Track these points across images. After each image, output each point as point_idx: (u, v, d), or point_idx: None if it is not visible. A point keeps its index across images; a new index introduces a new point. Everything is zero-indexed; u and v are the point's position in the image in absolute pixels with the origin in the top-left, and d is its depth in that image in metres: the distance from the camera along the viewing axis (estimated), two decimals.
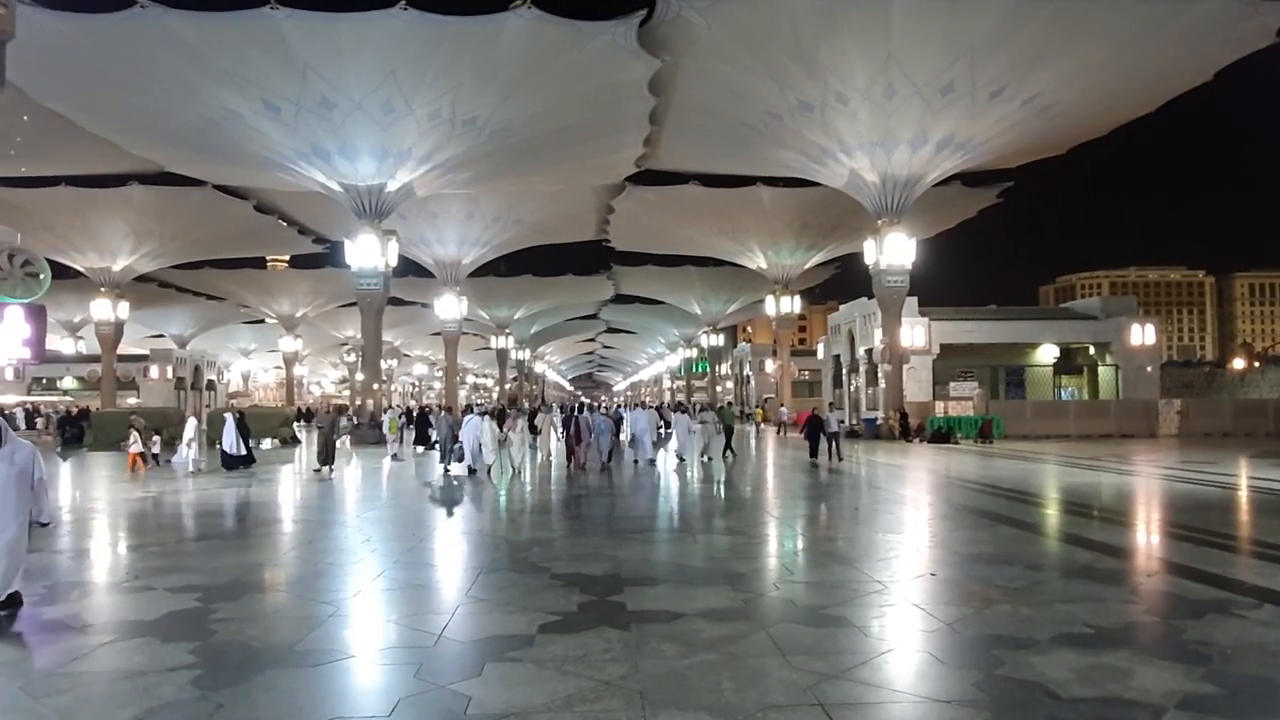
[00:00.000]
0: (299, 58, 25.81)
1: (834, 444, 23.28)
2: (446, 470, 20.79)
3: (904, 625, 7.01)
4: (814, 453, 22.93)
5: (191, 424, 21.78)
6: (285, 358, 70.39)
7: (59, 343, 60.93)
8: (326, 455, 20.77)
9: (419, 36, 25.49)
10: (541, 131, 30.57)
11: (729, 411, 25.46)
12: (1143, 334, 38.41)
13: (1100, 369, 40.59)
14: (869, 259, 34.56)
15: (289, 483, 20.04)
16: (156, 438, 23.69)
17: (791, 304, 50.49)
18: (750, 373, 71.78)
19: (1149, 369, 38.64)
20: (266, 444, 32.44)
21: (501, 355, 70.63)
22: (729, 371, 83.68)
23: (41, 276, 13.42)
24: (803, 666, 5.76)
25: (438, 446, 22.28)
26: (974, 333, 39.03)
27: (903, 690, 5.45)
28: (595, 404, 40.45)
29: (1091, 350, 40.75)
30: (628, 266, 60.22)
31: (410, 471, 22.50)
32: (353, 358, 72.11)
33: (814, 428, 23.24)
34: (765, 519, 13.68)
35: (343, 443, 32.59)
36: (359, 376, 63.67)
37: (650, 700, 5.15)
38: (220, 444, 22.10)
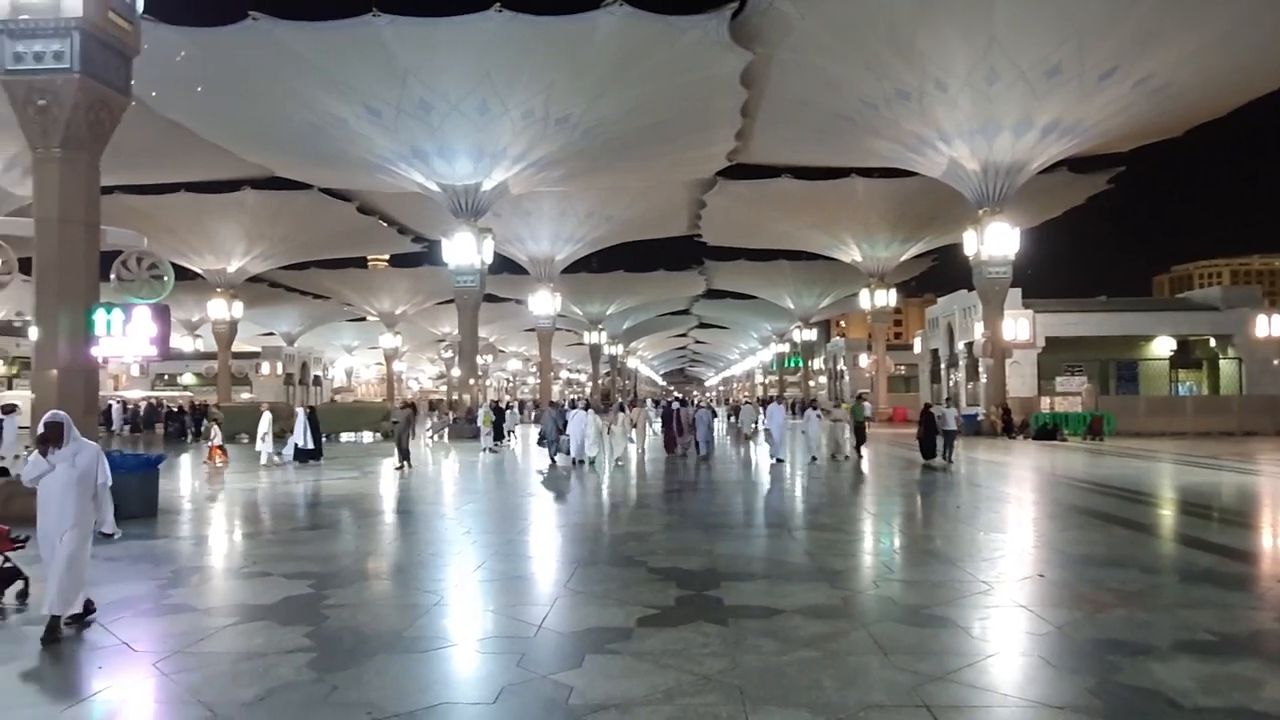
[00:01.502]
0: (399, 63, 26.57)
1: (949, 443, 20.63)
2: (553, 462, 21.33)
3: (1011, 627, 6.79)
4: (929, 452, 20.34)
5: (266, 418, 22.55)
6: (385, 354, 72.74)
7: (179, 341, 64.44)
8: (403, 453, 20.50)
9: (513, 37, 25.91)
10: (633, 128, 30.69)
11: (859, 407, 23.75)
12: (1269, 325, 36.08)
13: (1221, 363, 38.39)
14: (969, 250, 33.50)
15: (388, 475, 20.69)
16: (266, 430, 24.62)
17: (887, 297, 49.35)
18: (844, 368, 70.51)
19: (1276, 362, 36.31)
20: (368, 437, 33.63)
21: (595, 351, 71.30)
22: (822, 366, 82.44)
23: (165, 278, 14.19)
24: (905, 666, 5.64)
25: (544, 440, 22.86)
26: (1082, 325, 37.44)
27: (1011, 694, 5.28)
28: (687, 399, 40.37)
29: (1212, 343, 38.57)
30: (719, 261, 59.93)
31: (506, 464, 22.96)
32: (450, 353, 73.98)
33: (928, 425, 20.66)
34: (863, 516, 13.44)
35: (440, 436, 33.59)
36: (455, 372, 65.34)
37: (750, 696, 5.13)
38: (292, 438, 22.79)
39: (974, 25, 25.46)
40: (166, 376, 65.25)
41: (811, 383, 78.97)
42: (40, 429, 6.63)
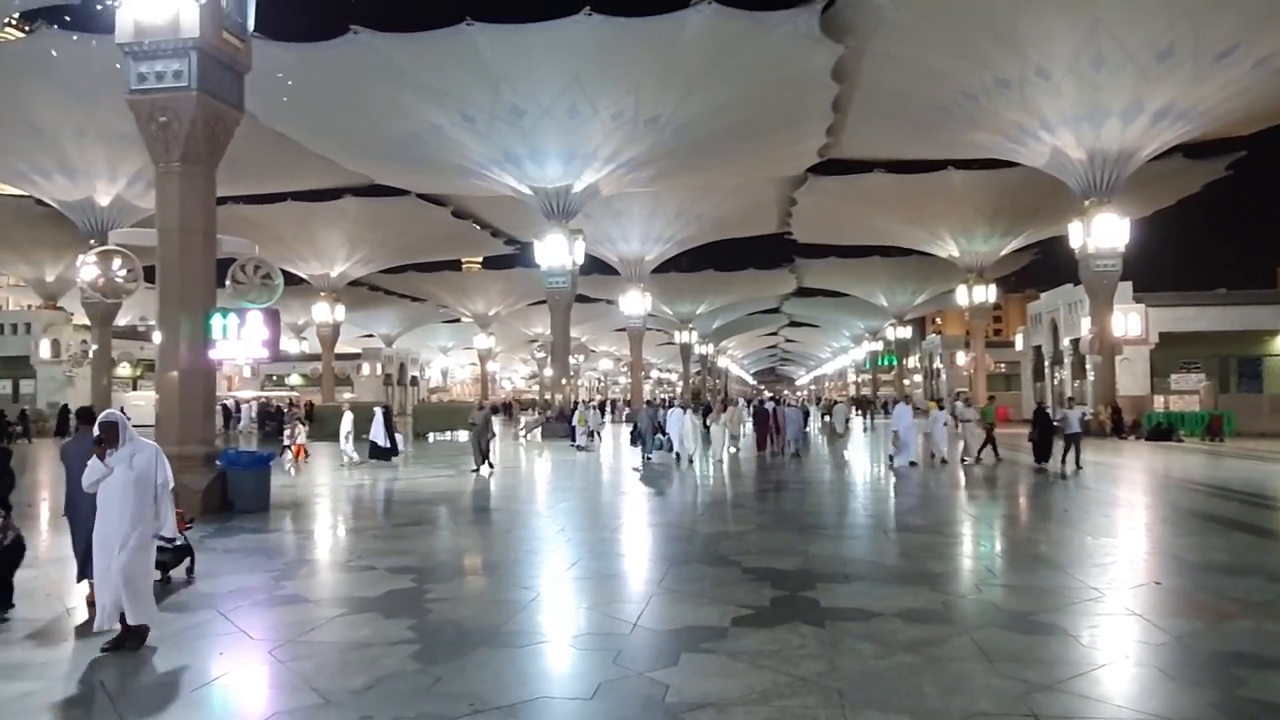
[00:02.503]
0: (492, 70, 27.15)
1: (1073, 447, 18.49)
2: (647, 460, 21.65)
3: (1125, 636, 6.50)
4: (1043, 456, 18.78)
5: (348, 418, 23.14)
6: (480, 354, 74.38)
7: (286, 343, 67.31)
8: (482, 455, 19.78)
9: (602, 40, 26.15)
10: (722, 126, 30.56)
11: (990, 409, 22.44)
12: None
13: None
14: (1075, 242, 32.17)
15: (483, 473, 21.13)
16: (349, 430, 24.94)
17: (986, 293, 47.80)
18: (941, 365, 68.64)
19: None
20: (463, 436, 34.42)
21: (685, 350, 71.31)
22: (917, 365, 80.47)
23: (276, 283, 14.88)
24: (1011, 674, 5.46)
25: (637, 438, 23.28)
26: (1199, 320, 35.47)
27: (1126, 706, 5.05)
28: (780, 398, 39.99)
29: None
30: (810, 259, 59.13)
31: (599, 463, 23.20)
32: (542, 354, 75.14)
33: (1044, 427, 19.10)
34: (963, 518, 13.06)
35: (534, 436, 34.13)
36: (548, 372, 66.35)
37: (848, 699, 5.06)
38: (370, 437, 23.25)
39: (1078, 8, 24.45)
40: (275, 377, 68.28)
41: (906, 381, 77.19)
42: (96, 431, 6.28)
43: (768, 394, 54.71)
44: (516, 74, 27.64)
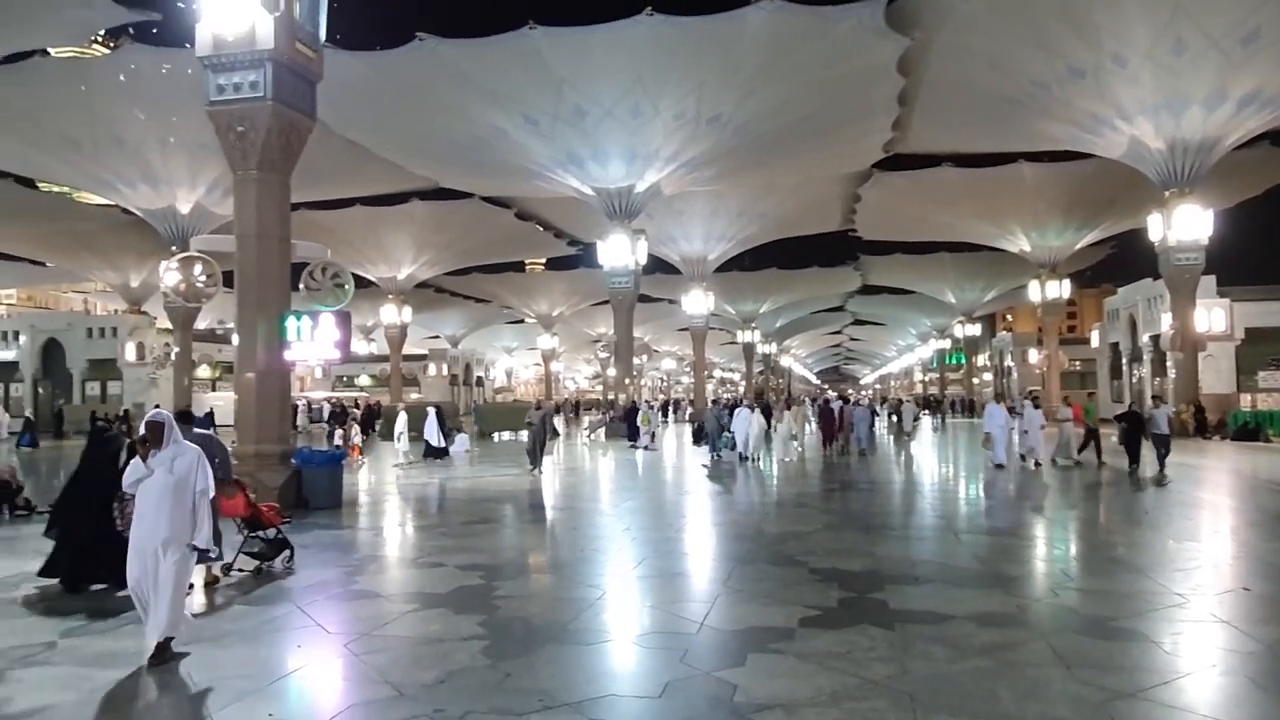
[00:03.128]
0: (555, 72, 27.38)
1: (1162, 449, 17.50)
2: (716, 458, 21.70)
3: (1211, 644, 6.25)
4: (1134, 459, 17.47)
5: (403, 418, 23.54)
6: (543, 355, 75.06)
7: (356, 344, 68.92)
8: (536, 456, 19.52)
9: (664, 40, 26.16)
10: (785, 123, 30.29)
11: (1093, 407, 20.97)
12: None
13: None
14: (1154, 235, 31.05)
15: (549, 472, 21.32)
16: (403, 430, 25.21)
17: (1059, 288, 46.41)
18: (1012, 364, 66.94)
19: None
20: (526, 435, 34.79)
21: (748, 349, 70.88)
22: (986, 363, 78.61)
23: (347, 286, 15.27)
24: (1091, 681, 5.31)
25: (702, 437, 23.47)
26: None
27: (1213, 716, 4.86)
28: (846, 397, 39.42)
29: None
30: (875, 256, 58.19)
31: (663, 462, 23.23)
32: (605, 354, 75.53)
33: (1133, 428, 17.81)
34: (1037, 520, 12.73)
35: (598, 435, 34.34)
36: (611, 372, 66.60)
37: (920, 703, 4.98)
38: (424, 436, 23.60)
39: None
40: (345, 378, 69.99)
41: (975, 380, 75.47)
42: (141, 430, 6.02)
43: (832, 393, 54.16)
44: (579, 76, 27.83)
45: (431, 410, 24.43)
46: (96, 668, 5.82)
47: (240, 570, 8.76)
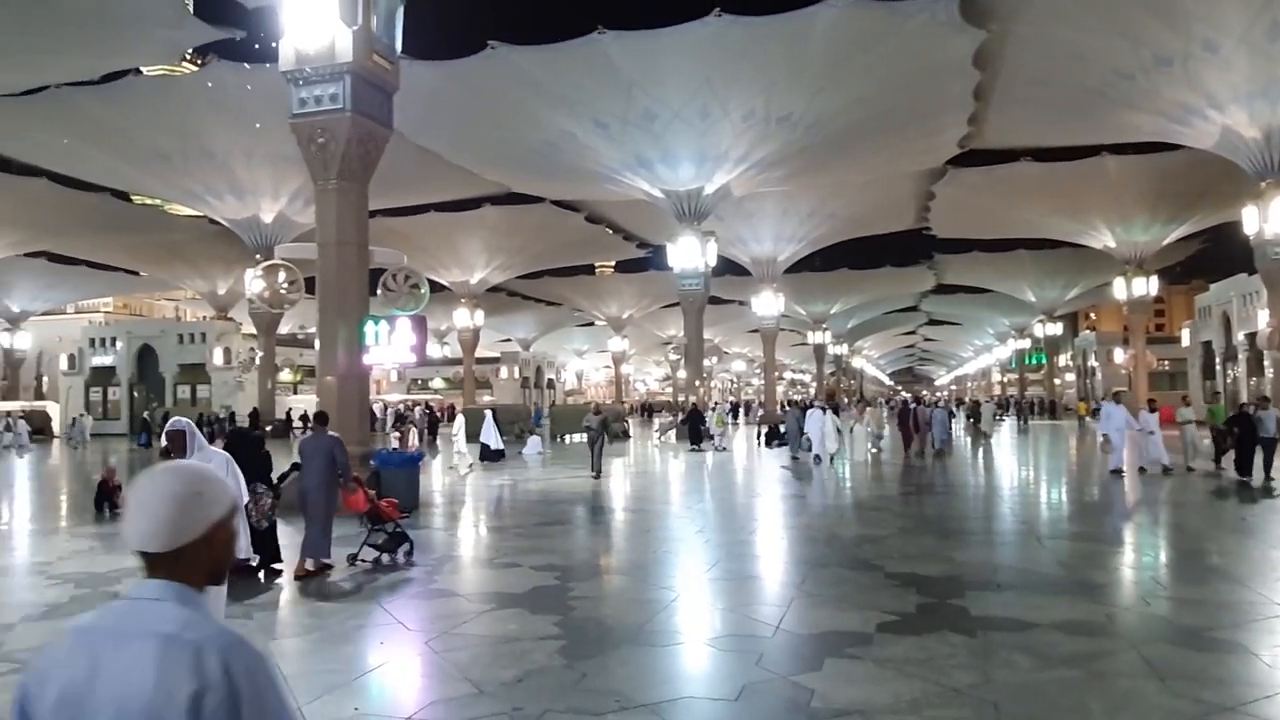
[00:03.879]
0: (624, 76, 27.52)
1: (1268, 453, 16.15)
2: (796, 459, 21.80)
3: None
4: (1244, 468, 16.20)
5: (459, 421, 23.81)
6: (614, 357, 75.44)
7: (430, 348, 70.35)
8: (596, 460, 19.09)
9: (732, 40, 26.05)
10: (856, 121, 29.86)
11: (1220, 409, 19.50)
12: None
13: None
14: (1249, 228, 29.59)
15: (619, 474, 21.43)
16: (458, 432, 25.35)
17: (1146, 285, 44.65)
18: (1096, 364, 64.66)
19: None
20: (578, 438, 35.05)
21: (819, 350, 70.07)
22: (1068, 363, 76.11)
23: (423, 291, 15.58)
24: (1186, 693, 5.10)
25: (771, 438, 23.50)
26: None
27: None
28: (922, 398, 38.70)
29: None
30: (950, 255, 56.90)
31: (734, 464, 23.13)
32: (675, 355, 75.54)
33: (1244, 430, 16.46)
34: (1127, 525, 12.28)
35: (668, 437, 34.36)
36: (681, 374, 66.49)
37: (1004, 712, 4.86)
38: (481, 439, 23.77)
39: None
40: (420, 381, 71.49)
41: (1057, 380, 73.16)
42: (163, 440, 5.68)
43: (905, 394, 53.07)
44: (648, 79, 27.92)
45: (489, 413, 24.75)
46: None
47: (363, 561, 9.44)
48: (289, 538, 9.61)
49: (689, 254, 35.32)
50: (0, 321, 55.88)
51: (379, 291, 15.38)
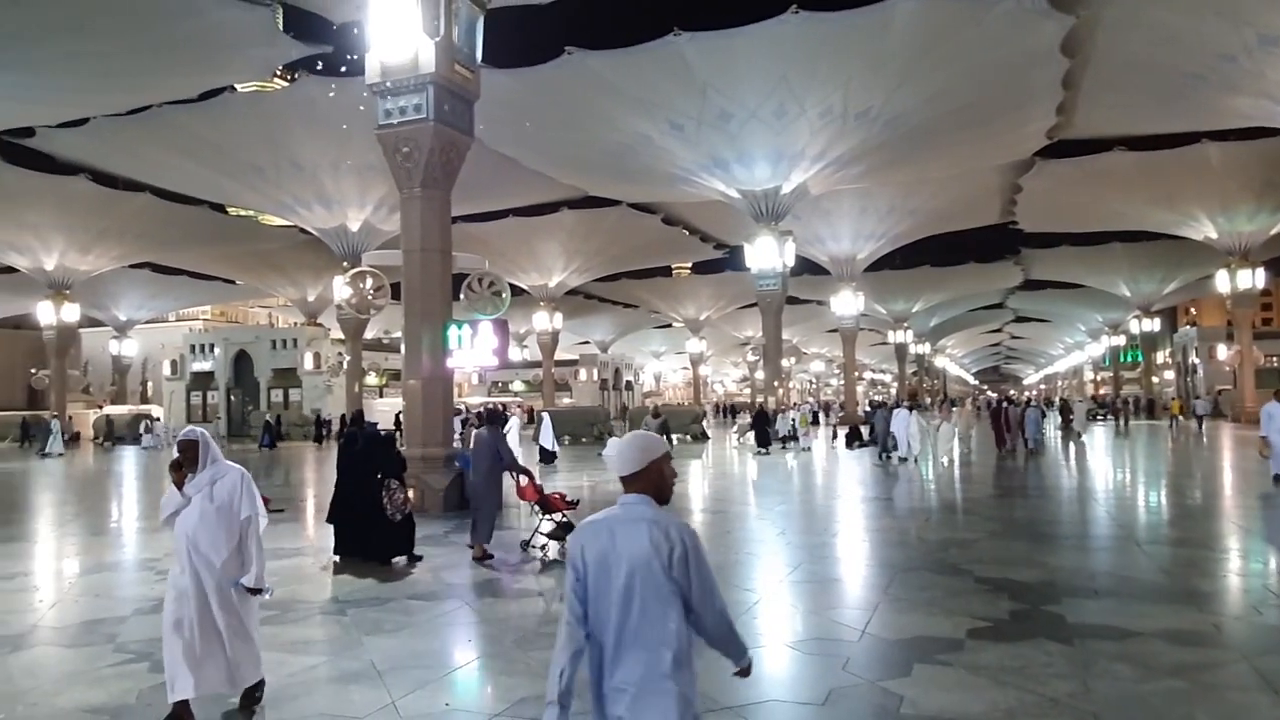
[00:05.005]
0: (699, 77, 27.48)
1: None
2: (885, 458, 21.64)
3: None
4: None
5: (514, 422, 23.90)
6: (691, 358, 75.38)
7: (510, 351, 71.41)
8: None
9: (809, 38, 25.75)
10: (937, 115, 29.16)
11: None
12: None
13: None
14: None
15: (696, 474, 21.39)
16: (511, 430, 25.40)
17: (1252, 278, 42.42)
18: (1197, 361, 61.75)
19: None
20: (675, 439, 35.02)
21: (900, 350, 68.71)
22: (1167, 360, 72.88)
23: (504, 295, 15.89)
24: None
25: (852, 439, 23.36)
26: None
27: None
28: (1013, 398, 37.53)
29: None
30: (1038, 249, 55.10)
31: (815, 465, 22.84)
32: (753, 356, 75.07)
33: None
34: (1235, 530, 11.68)
35: (748, 438, 34.13)
36: (759, 375, 65.97)
37: None
38: (539, 441, 23.80)
39: None
40: (500, 384, 72.69)
41: (1155, 379, 70.11)
42: (175, 452, 5.16)
43: (992, 393, 51.54)
44: (723, 79, 27.81)
45: (545, 415, 24.97)
46: (291, 653, 6.29)
47: (534, 547, 10.25)
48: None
49: (766, 254, 35.06)
50: (109, 330, 59.04)
51: (462, 296, 15.73)
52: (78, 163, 35.09)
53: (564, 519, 10.34)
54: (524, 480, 10.61)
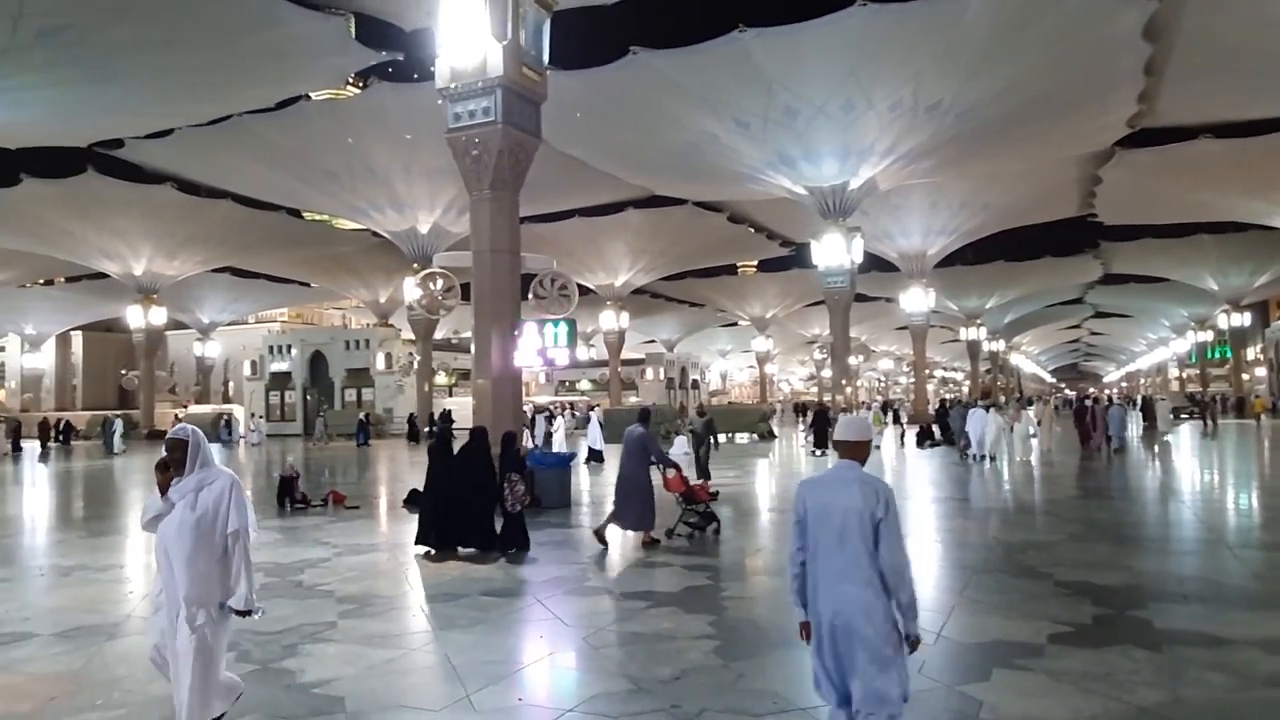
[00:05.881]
0: (765, 73, 27.26)
1: None
2: (963, 457, 21.47)
3: None
4: None
5: (560, 422, 23.98)
6: (758, 357, 74.89)
7: (577, 350, 71.96)
8: (701, 468, 17.60)
9: (877, 30, 25.31)
10: (1012, 106, 28.38)
11: None
12: None
13: None
14: None
15: (764, 474, 21.24)
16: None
17: None
18: None
19: None
20: (742, 438, 34.84)
21: (972, 347, 67.14)
22: (1258, 356, 69.69)
23: (572, 295, 16.01)
24: None
25: (923, 439, 23.05)
26: None
27: None
28: (1094, 395, 36.39)
29: None
30: (1119, 242, 53.20)
31: (885, 465, 22.47)
32: (820, 354, 74.21)
33: None
34: None
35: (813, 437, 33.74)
36: (826, 373, 65.17)
37: None
38: (588, 442, 23.84)
39: None
40: (567, 383, 73.30)
41: (1245, 376, 67.10)
42: (164, 450, 4.56)
43: (1069, 391, 49.93)
44: (789, 75, 27.53)
45: (594, 414, 25.05)
46: (369, 646, 6.45)
47: (679, 535, 10.96)
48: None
49: (834, 251, 34.62)
50: (193, 332, 61.35)
51: (530, 296, 15.89)
52: (164, 172, 36.61)
53: (706, 509, 11.14)
54: (671, 473, 11.29)
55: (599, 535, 10.76)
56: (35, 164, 35.26)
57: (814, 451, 26.32)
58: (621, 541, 10.89)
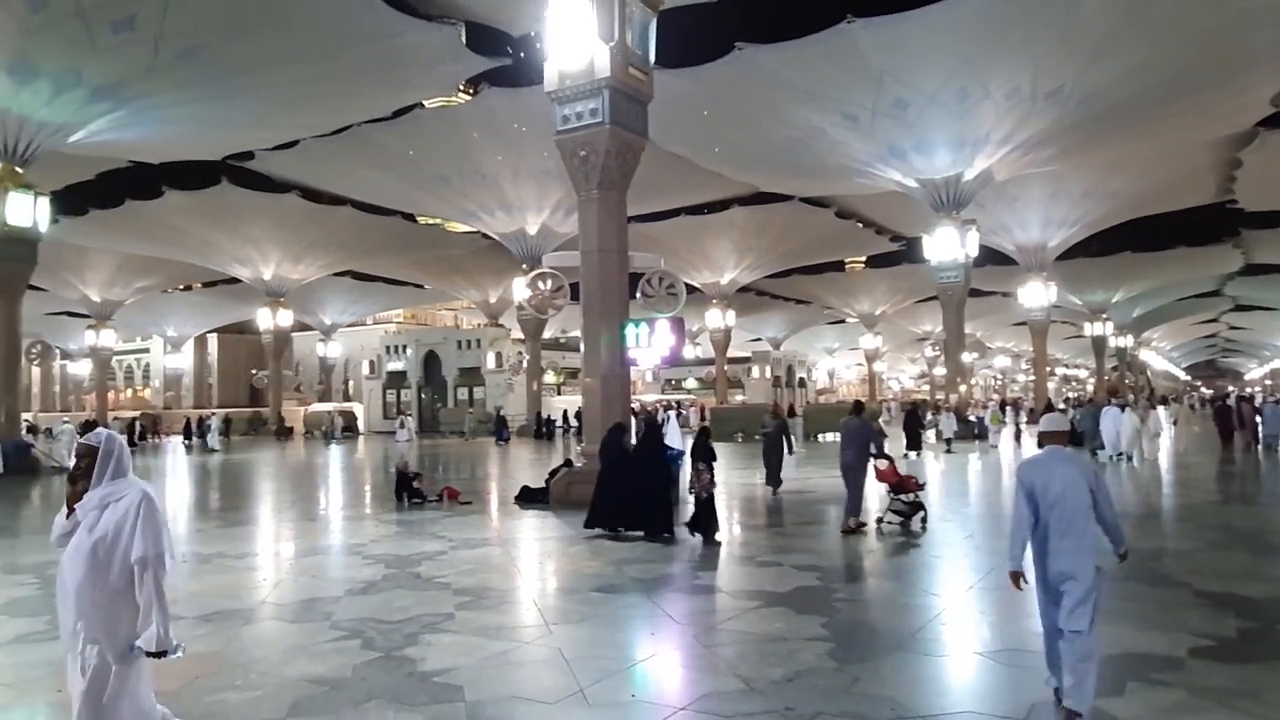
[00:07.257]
0: (873, 65, 26.63)
1: None
2: (1094, 456, 20.62)
3: None
4: None
5: (674, 422, 23.89)
6: (866, 355, 73.24)
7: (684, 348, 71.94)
8: (774, 472, 16.07)
9: (994, 16, 24.37)
10: (1140, 89, 26.84)
11: None
12: None
13: None
14: None
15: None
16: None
17: None
18: None
19: None
20: (830, 437, 34.11)
21: (1098, 343, 63.81)
22: None
23: (679, 294, 16.04)
24: None
25: (1042, 437, 22.18)
26: None
27: None
28: (1241, 393, 34.18)
29: None
30: (1263, 230, 49.56)
31: (1004, 464, 21.63)
32: (932, 352, 72.04)
33: None
34: None
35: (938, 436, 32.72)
36: (937, 370, 63.28)
37: None
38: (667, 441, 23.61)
39: None
40: (673, 381, 73.44)
41: None
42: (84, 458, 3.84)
43: (1205, 389, 46.89)
44: (899, 65, 26.81)
45: (672, 414, 24.98)
46: (485, 638, 6.63)
47: (889, 524, 11.45)
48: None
49: (947, 245, 33.57)
50: (316, 333, 64.37)
51: (638, 295, 15.99)
52: (290, 181, 38.56)
53: (915, 499, 11.53)
54: (884, 464, 11.81)
55: (877, 523, 11.53)
56: (175, 177, 37.76)
57: (904, 454, 24.18)
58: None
